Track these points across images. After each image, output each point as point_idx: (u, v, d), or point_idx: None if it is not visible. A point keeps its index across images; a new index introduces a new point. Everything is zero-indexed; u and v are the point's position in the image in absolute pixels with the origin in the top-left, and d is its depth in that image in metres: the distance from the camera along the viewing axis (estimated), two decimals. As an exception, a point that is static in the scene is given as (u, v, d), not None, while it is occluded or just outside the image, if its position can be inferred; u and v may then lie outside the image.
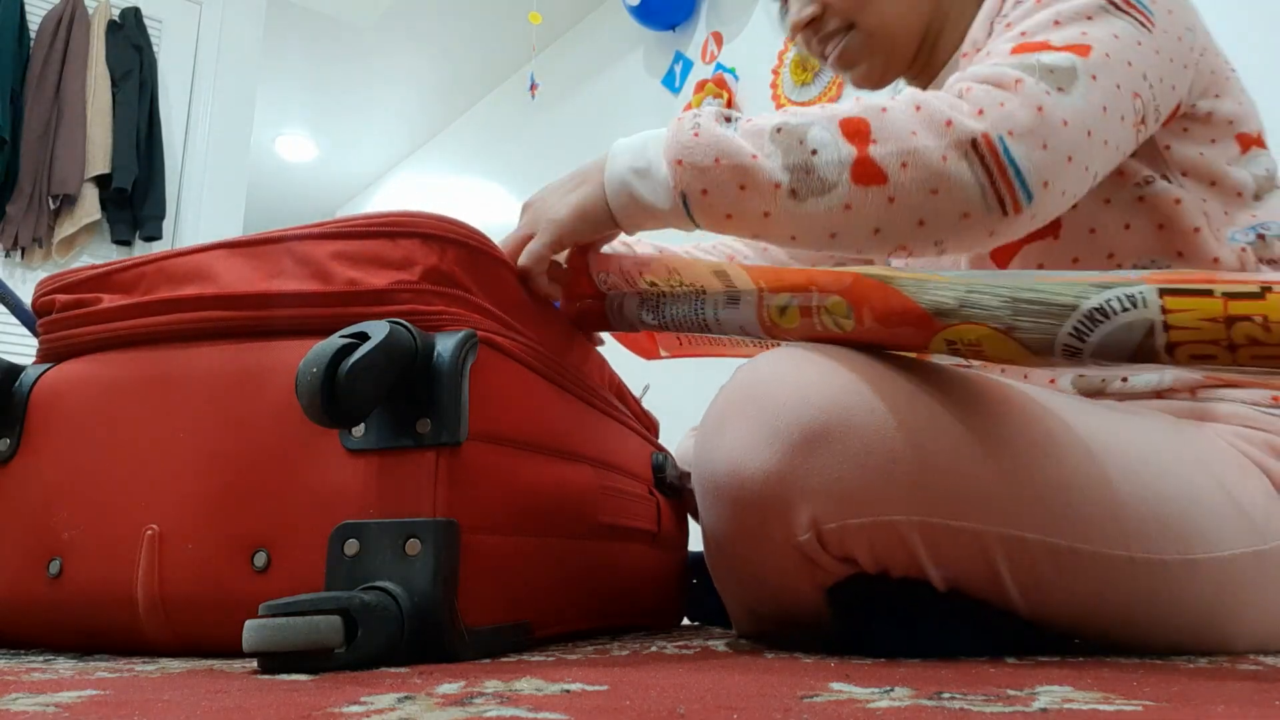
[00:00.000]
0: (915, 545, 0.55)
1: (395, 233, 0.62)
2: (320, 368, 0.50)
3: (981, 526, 0.55)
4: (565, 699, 0.36)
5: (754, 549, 0.58)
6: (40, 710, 0.34)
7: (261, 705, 0.35)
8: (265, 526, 0.57)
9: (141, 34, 2.77)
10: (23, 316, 1.23)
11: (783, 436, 0.54)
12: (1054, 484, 0.56)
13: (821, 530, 0.55)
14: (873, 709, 0.33)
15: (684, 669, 0.47)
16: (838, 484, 0.54)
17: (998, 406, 0.58)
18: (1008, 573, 0.56)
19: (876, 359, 0.58)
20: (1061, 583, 0.57)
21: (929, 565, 0.56)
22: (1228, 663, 0.54)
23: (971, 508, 0.55)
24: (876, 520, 0.54)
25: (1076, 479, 0.57)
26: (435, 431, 0.55)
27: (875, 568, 0.56)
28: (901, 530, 0.54)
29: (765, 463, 0.54)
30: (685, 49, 2.76)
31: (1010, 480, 0.55)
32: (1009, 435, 0.56)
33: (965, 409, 0.57)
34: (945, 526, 0.55)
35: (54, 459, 0.65)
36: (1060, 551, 0.56)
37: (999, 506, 0.55)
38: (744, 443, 0.56)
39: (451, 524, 0.54)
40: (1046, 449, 0.57)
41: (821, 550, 0.56)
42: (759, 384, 0.57)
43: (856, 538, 0.55)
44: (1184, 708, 0.34)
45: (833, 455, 0.53)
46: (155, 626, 0.59)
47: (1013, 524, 0.55)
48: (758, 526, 0.56)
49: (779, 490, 0.54)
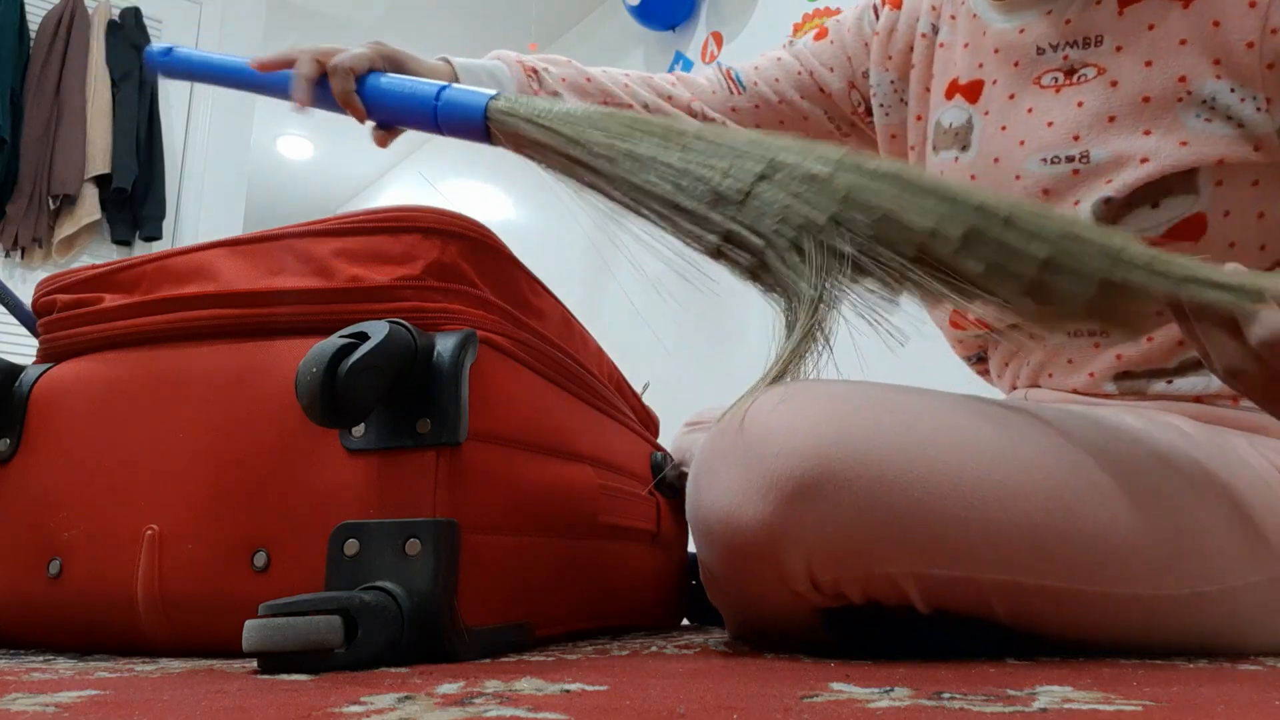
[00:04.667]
0: (910, 591, 0.54)
1: (396, 228, 0.62)
2: (320, 368, 0.50)
3: (978, 575, 0.53)
4: (565, 699, 0.36)
5: (749, 588, 0.57)
6: (40, 710, 0.34)
7: (261, 705, 0.35)
8: (265, 526, 0.57)
9: (141, 34, 2.77)
10: (22, 316, 1.23)
11: (775, 488, 0.52)
12: (1055, 531, 0.54)
13: (817, 580, 0.54)
14: (873, 709, 0.33)
15: (684, 669, 0.47)
16: (831, 538, 0.52)
17: (995, 453, 0.55)
18: (1003, 611, 0.55)
19: (870, 398, 0.55)
20: (1061, 619, 0.56)
21: (921, 606, 0.55)
22: (1228, 663, 0.54)
23: (968, 558, 0.53)
24: (871, 573, 0.53)
25: (1082, 525, 0.54)
26: (435, 431, 0.55)
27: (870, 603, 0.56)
28: (897, 580, 0.53)
29: (758, 514, 0.53)
30: (685, 49, 2.76)
31: (1009, 531, 0.53)
32: (1005, 480, 0.54)
33: (963, 454, 0.54)
34: (942, 576, 0.53)
35: (54, 459, 0.65)
36: (1061, 594, 0.54)
37: (995, 556, 0.53)
38: (736, 491, 0.54)
39: (451, 524, 0.54)
40: (1047, 496, 0.54)
41: (816, 593, 0.55)
42: (751, 429, 0.55)
43: (851, 587, 0.54)
44: (1184, 708, 0.34)
45: (825, 509, 0.52)
46: (155, 626, 0.59)
47: (1009, 572, 0.53)
48: (753, 572, 0.55)
49: (772, 541, 0.53)
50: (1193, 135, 0.64)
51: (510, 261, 0.68)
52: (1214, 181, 0.64)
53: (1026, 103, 0.72)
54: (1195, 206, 0.64)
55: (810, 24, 2.35)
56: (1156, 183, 0.64)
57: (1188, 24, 0.64)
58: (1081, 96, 0.68)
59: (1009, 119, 0.73)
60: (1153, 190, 0.64)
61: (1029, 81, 0.72)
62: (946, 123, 0.79)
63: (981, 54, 0.76)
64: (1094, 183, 0.67)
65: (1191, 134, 0.64)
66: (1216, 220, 0.64)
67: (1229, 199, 0.64)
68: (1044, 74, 0.71)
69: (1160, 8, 0.66)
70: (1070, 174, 0.68)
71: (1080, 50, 0.69)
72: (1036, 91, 0.71)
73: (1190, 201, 0.64)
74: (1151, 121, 0.65)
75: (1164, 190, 0.64)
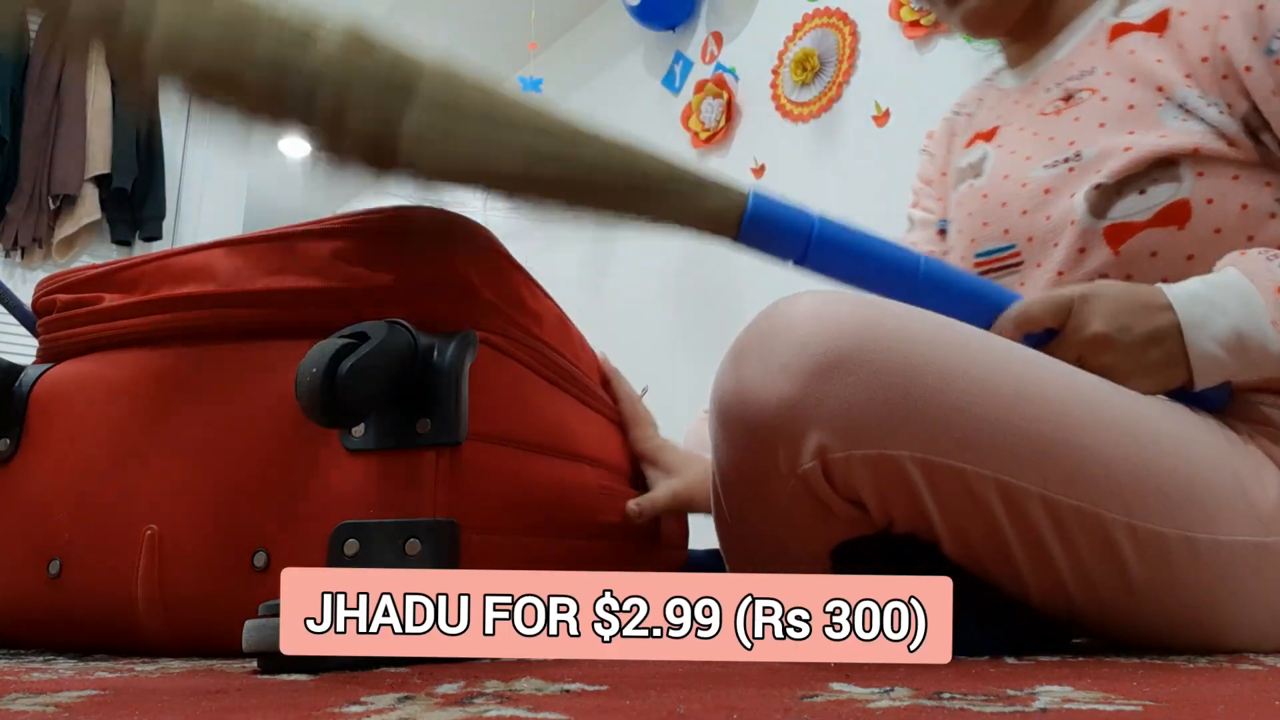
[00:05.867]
0: (917, 483, 0.55)
1: (396, 228, 0.62)
2: (320, 368, 0.50)
3: (981, 470, 0.56)
4: (565, 699, 0.36)
5: (760, 486, 0.58)
6: (40, 710, 0.34)
7: (261, 705, 0.35)
8: (265, 527, 0.57)
9: (141, 34, 2.76)
10: (21, 316, 1.23)
11: (798, 365, 0.55)
12: (1057, 440, 0.57)
13: (828, 460, 0.55)
14: (873, 709, 0.33)
15: (684, 669, 0.47)
16: (847, 412, 0.54)
17: (1014, 362, 0.59)
18: (1007, 522, 0.57)
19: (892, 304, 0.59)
20: (1059, 540, 0.57)
21: (933, 510, 0.56)
22: (1228, 663, 0.54)
23: (974, 451, 0.55)
24: (881, 453, 0.55)
25: (1081, 438, 0.57)
26: (435, 431, 0.55)
27: (880, 514, 0.57)
28: (904, 466, 0.55)
29: (779, 390, 0.55)
30: (685, 49, 2.76)
31: (1017, 430, 0.56)
32: (1018, 385, 0.57)
33: (981, 357, 0.57)
34: (948, 466, 0.55)
35: (54, 459, 0.65)
36: (1058, 506, 0.56)
37: (1000, 452, 0.56)
38: (760, 373, 0.56)
39: (452, 524, 0.54)
40: (1054, 404, 0.58)
41: (827, 485, 0.56)
42: (780, 318, 0.58)
43: (861, 473, 0.55)
44: (1184, 708, 0.34)
45: (845, 383, 0.54)
46: (155, 626, 0.59)
47: (1012, 472, 0.56)
48: (767, 454, 0.57)
49: (790, 416, 0.55)
50: (1170, 130, 0.71)
51: (509, 263, 0.68)
52: (1195, 172, 0.70)
53: (1033, 129, 0.81)
54: (1179, 193, 0.70)
55: (810, 24, 2.35)
56: (1142, 171, 0.70)
57: (1162, 47, 0.74)
58: (1078, 114, 0.77)
59: (1019, 145, 0.82)
60: (1139, 177, 0.70)
61: (1035, 114, 0.81)
62: (964, 163, 0.89)
63: (1000, 107, 0.88)
64: (1087, 175, 0.73)
65: (1169, 129, 0.71)
66: (1200, 207, 0.69)
67: (1211, 188, 0.70)
68: (1048, 104, 0.81)
69: (1140, 38, 0.76)
70: (1066, 171, 0.75)
71: (1077, 80, 0.79)
72: (1041, 119, 0.80)
73: (1174, 189, 0.70)
74: (1136, 123, 0.73)
75: (1149, 178, 0.70)
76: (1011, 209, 0.79)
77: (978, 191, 0.84)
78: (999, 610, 0.60)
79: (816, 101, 2.31)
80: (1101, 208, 0.71)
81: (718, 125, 2.56)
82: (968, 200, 0.85)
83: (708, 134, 2.58)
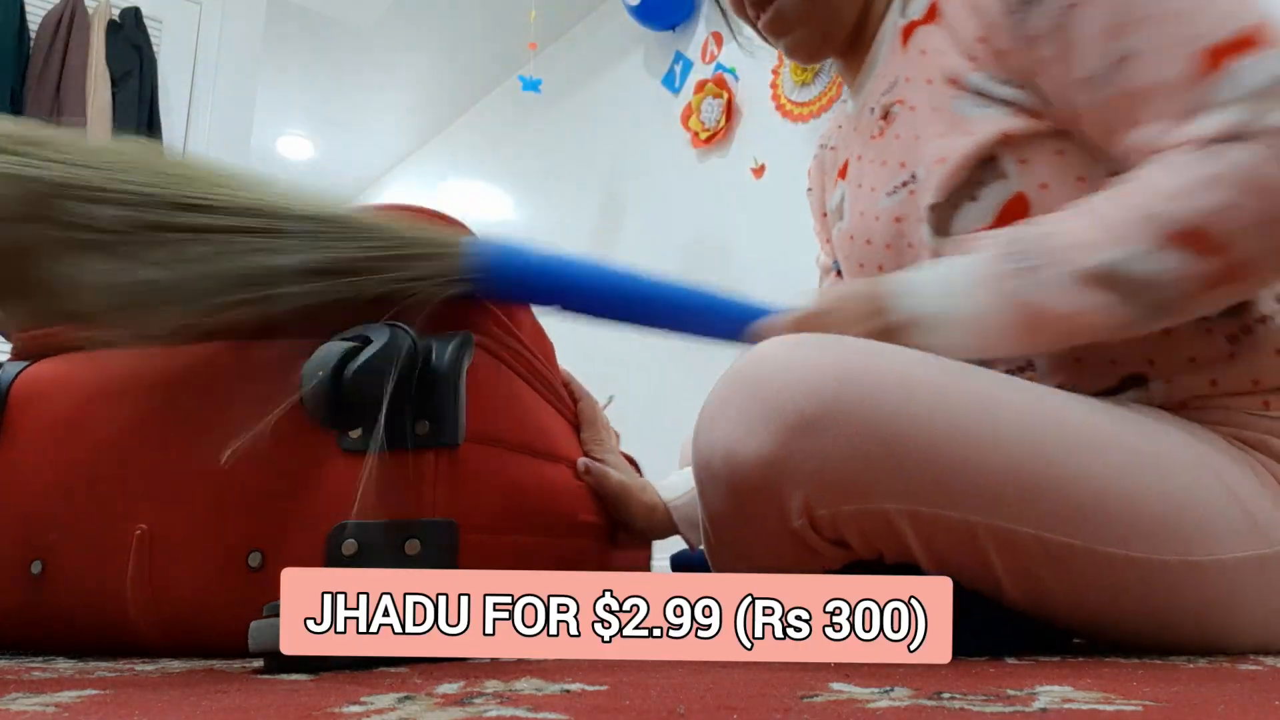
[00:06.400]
0: (906, 534, 0.55)
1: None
2: (326, 371, 0.50)
3: (972, 518, 0.55)
4: (565, 699, 0.36)
5: (750, 535, 0.58)
6: (40, 710, 0.34)
7: (261, 705, 0.35)
8: (260, 527, 0.57)
9: (141, 34, 2.77)
10: None
11: (777, 421, 0.54)
12: (1048, 478, 0.56)
13: (814, 516, 0.55)
14: (873, 709, 0.33)
15: (684, 669, 0.47)
16: (829, 470, 0.54)
17: (992, 399, 0.58)
18: (1001, 566, 0.56)
19: (870, 347, 0.58)
20: (1056, 579, 0.56)
21: (921, 556, 0.56)
22: (1228, 663, 0.54)
23: (962, 498, 0.55)
24: (867, 509, 0.54)
25: (1072, 474, 0.56)
26: (434, 433, 0.55)
27: (870, 553, 0.57)
28: (892, 519, 0.55)
29: (759, 446, 0.55)
30: (685, 49, 2.76)
31: (1002, 473, 0.55)
32: (1003, 428, 0.56)
33: (959, 400, 0.57)
34: (936, 516, 0.55)
35: (35, 458, 0.64)
36: (1054, 546, 0.55)
37: (990, 498, 0.55)
38: (740, 427, 0.56)
39: (451, 524, 0.54)
40: (1042, 442, 0.56)
41: (816, 535, 0.56)
42: (758, 369, 0.57)
43: (848, 525, 0.55)
44: (1184, 708, 0.34)
45: (825, 440, 0.54)
46: (148, 626, 0.59)
47: (1004, 516, 0.55)
48: (753, 511, 0.57)
49: (772, 474, 0.55)
50: (974, 123, 0.68)
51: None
52: (1018, 160, 0.66)
53: (869, 156, 0.79)
54: (1011, 188, 0.67)
55: (810, 24, 2.35)
56: (966, 178, 0.67)
57: (944, 36, 0.71)
58: (897, 130, 0.74)
59: (864, 177, 0.79)
60: (966, 185, 0.68)
61: (867, 140, 0.79)
62: (832, 205, 0.87)
63: (848, 137, 0.85)
64: (924, 195, 0.70)
65: (973, 122, 0.68)
66: (1036, 195, 0.66)
67: (1039, 173, 0.66)
68: (873, 126, 0.78)
69: (925, 34, 0.73)
70: (908, 196, 0.72)
71: (889, 94, 0.76)
72: (872, 144, 0.78)
73: (1004, 185, 0.67)
74: (944, 124, 0.69)
75: (976, 183, 0.68)
76: (876, 245, 0.77)
77: (845, 234, 0.82)
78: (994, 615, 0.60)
79: (816, 101, 2.31)
80: (943, 225, 0.69)
81: (718, 125, 2.56)
82: (840, 244, 0.84)
83: (708, 134, 2.58)
